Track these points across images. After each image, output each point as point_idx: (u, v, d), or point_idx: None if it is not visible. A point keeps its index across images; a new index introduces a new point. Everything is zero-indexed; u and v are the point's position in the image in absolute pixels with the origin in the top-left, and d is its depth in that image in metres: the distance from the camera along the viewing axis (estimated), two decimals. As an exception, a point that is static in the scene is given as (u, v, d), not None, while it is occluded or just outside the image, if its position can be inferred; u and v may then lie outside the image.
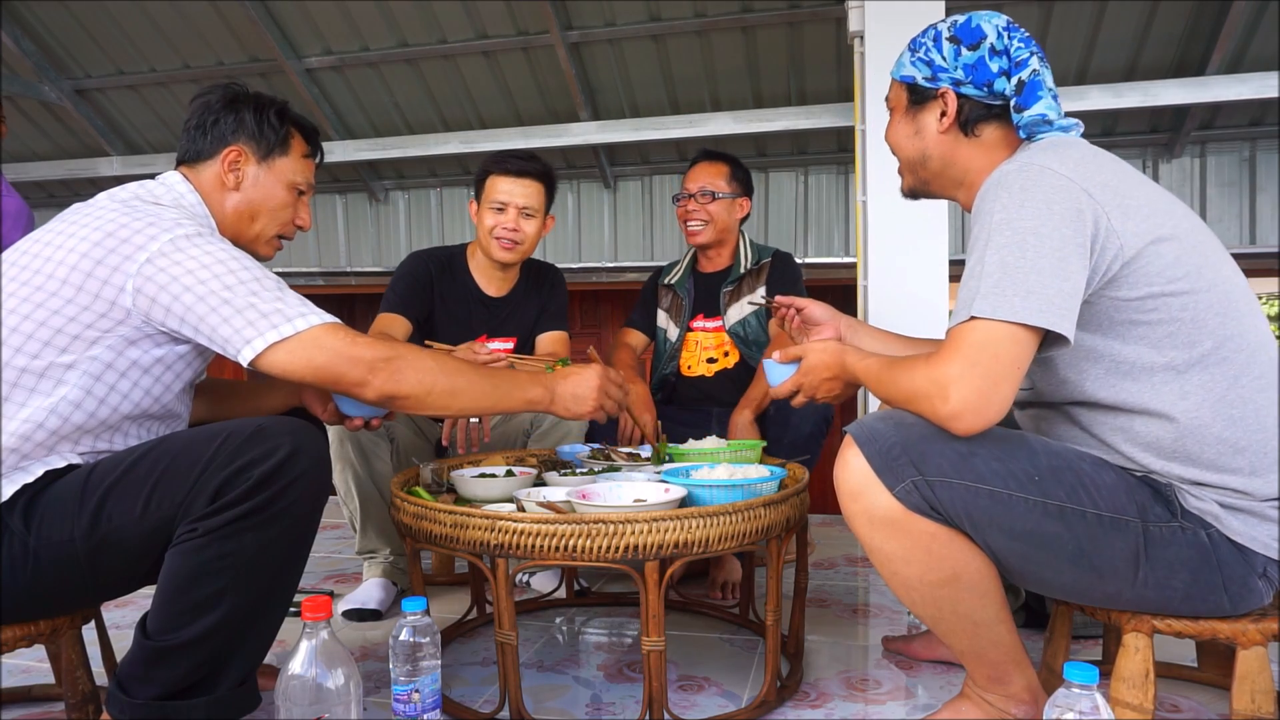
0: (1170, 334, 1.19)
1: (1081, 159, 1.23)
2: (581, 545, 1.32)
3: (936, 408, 1.18)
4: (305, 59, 4.35)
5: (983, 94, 1.34)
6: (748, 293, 2.52)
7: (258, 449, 1.18)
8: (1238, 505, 1.19)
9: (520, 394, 1.48)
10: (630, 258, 4.82)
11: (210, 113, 1.47)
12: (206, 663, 1.19)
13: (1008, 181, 1.21)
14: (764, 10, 3.79)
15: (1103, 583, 1.22)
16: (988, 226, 1.20)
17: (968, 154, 1.38)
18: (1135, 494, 1.21)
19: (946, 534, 1.23)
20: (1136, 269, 1.18)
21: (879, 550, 1.28)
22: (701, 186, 2.50)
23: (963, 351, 1.17)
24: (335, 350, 1.26)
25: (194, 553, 1.15)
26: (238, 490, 1.15)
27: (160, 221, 1.27)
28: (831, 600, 2.19)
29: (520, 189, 2.26)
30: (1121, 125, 4.11)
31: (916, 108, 1.41)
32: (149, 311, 1.24)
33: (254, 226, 1.49)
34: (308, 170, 1.55)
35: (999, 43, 1.32)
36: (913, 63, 1.40)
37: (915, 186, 1.49)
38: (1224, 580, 1.19)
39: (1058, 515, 1.19)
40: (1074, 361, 1.25)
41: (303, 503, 1.22)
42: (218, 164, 1.46)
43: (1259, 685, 1.21)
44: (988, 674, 1.33)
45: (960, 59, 1.34)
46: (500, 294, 2.40)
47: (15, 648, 1.23)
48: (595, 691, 1.64)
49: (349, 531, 2.87)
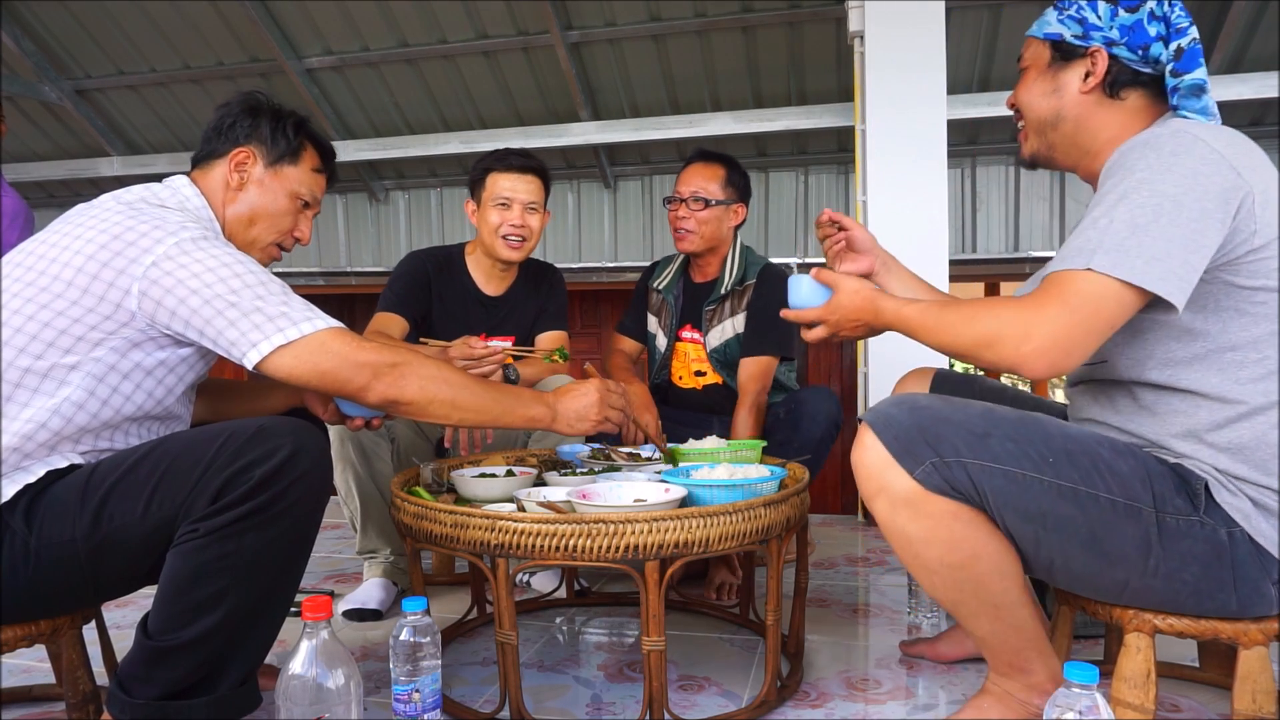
0: (1272, 331, 1.19)
1: (1235, 139, 1.21)
2: (582, 545, 1.32)
3: (1017, 347, 1.16)
4: (305, 59, 4.35)
5: (1135, 58, 1.31)
6: (730, 314, 2.40)
7: (259, 449, 1.17)
8: (1270, 506, 1.18)
9: (522, 411, 1.48)
10: (630, 258, 4.82)
11: (229, 117, 1.48)
12: (207, 663, 1.19)
13: (1158, 143, 1.19)
14: (764, 10, 3.79)
15: (1111, 569, 1.22)
16: (1125, 182, 1.18)
17: (1104, 119, 1.34)
18: (1155, 483, 1.20)
19: (967, 513, 1.23)
20: (1261, 259, 1.18)
21: (900, 533, 1.28)
22: (694, 191, 2.36)
23: (1065, 297, 1.15)
24: (340, 355, 1.26)
25: (195, 553, 1.15)
26: (239, 490, 1.15)
27: (166, 224, 1.27)
28: (831, 600, 2.19)
29: (524, 185, 2.26)
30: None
31: (1059, 65, 1.36)
32: (154, 314, 1.24)
33: (251, 230, 1.49)
34: (315, 184, 1.55)
35: (1158, 8, 1.29)
36: (1061, 20, 1.35)
37: (1039, 151, 1.42)
38: (1235, 580, 1.18)
39: (1071, 497, 1.19)
40: (1165, 337, 1.23)
41: (304, 503, 1.22)
42: (225, 164, 1.46)
43: (1260, 685, 1.21)
44: (1009, 661, 1.33)
45: (1117, 19, 1.30)
46: (498, 293, 2.40)
47: (15, 648, 1.23)
48: (595, 691, 1.64)
49: (349, 531, 2.87)
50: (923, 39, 3.00)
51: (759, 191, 4.61)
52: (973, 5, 3.66)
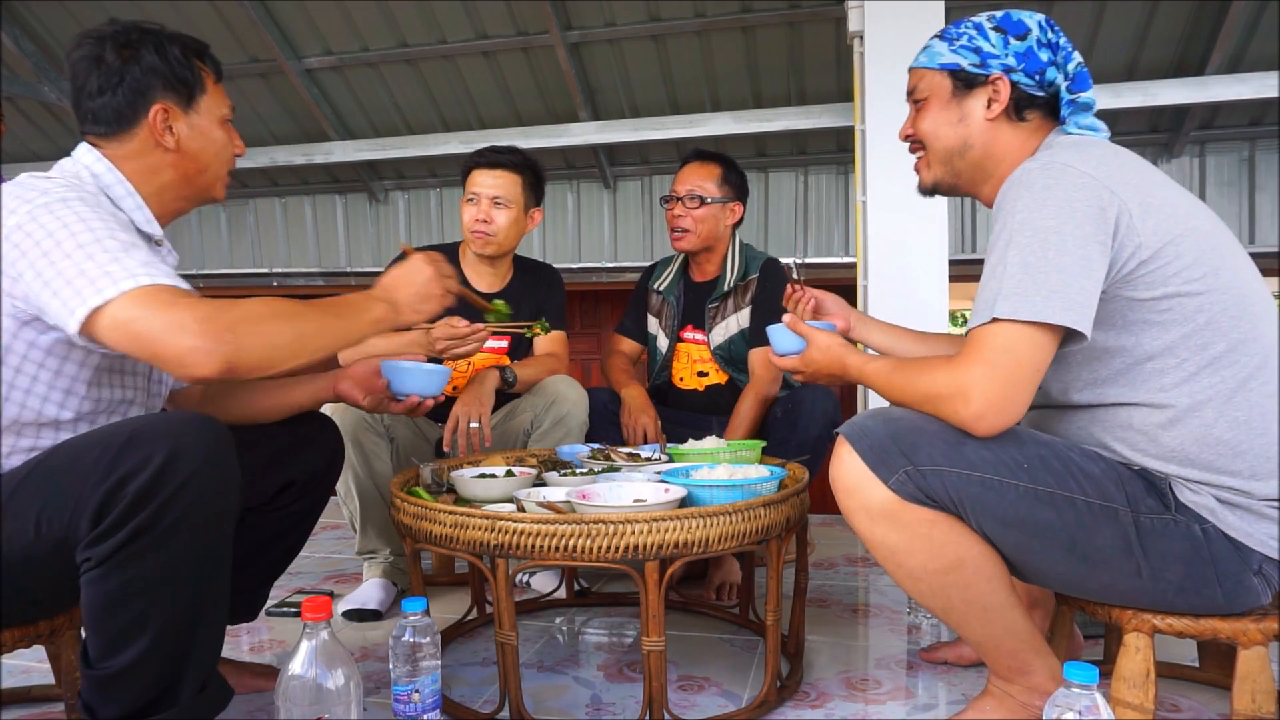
0: (1185, 335, 1.19)
1: (1104, 157, 1.23)
2: (581, 545, 1.32)
3: (958, 410, 1.20)
4: (305, 59, 4.35)
5: (1032, 83, 1.35)
6: (733, 311, 2.41)
7: (132, 460, 1.05)
8: (1234, 502, 1.19)
9: (366, 318, 1.33)
10: (630, 258, 4.83)
11: (111, 72, 1.29)
12: (157, 682, 1.12)
13: (1029, 179, 1.22)
14: (764, 10, 3.79)
15: (1096, 572, 1.23)
16: (1009, 226, 1.20)
17: (1008, 143, 1.38)
18: (1127, 485, 1.21)
19: (945, 521, 1.24)
20: (1154, 269, 1.19)
21: (881, 544, 1.29)
22: (690, 190, 2.37)
23: (984, 355, 1.18)
24: (154, 314, 1.06)
25: (99, 582, 1.07)
26: (117, 510, 1.04)
27: (26, 194, 1.16)
28: (831, 600, 2.19)
29: (491, 179, 2.26)
30: (1121, 125, 4.11)
31: (962, 95, 1.39)
32: (12, 290, 1.13)
33: (205, 176, 1.39)
34: (224, 95, 1.42)
35: (1044, 36, 1.35)
36: (954, 50, 1.39)
37: (942, 179, 1.45)
38: (1217, 575, 1.19)
39: (1047, 501, 1.20)
40: (1085, 360, 1.26)
41: (197, 510, 1.09)
42: (144, 130, 1.31)
43: (1260, 685, 1.21)
44: (1008, 664, 1.33)
45: (1010, 47, 1.35)
46: (492, 289, 2.39)
47: (15, 648, 1.23)
48: (595, 691, 1.64)
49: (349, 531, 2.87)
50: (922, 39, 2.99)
51: (759, 192, 4.62)
52: (972, 5, 3.66)
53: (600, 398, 2.34)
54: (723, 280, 2.42)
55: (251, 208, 5.31)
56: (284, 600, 2.17)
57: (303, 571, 2.54)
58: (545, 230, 4.99)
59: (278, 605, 2.14)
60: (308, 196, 5.25)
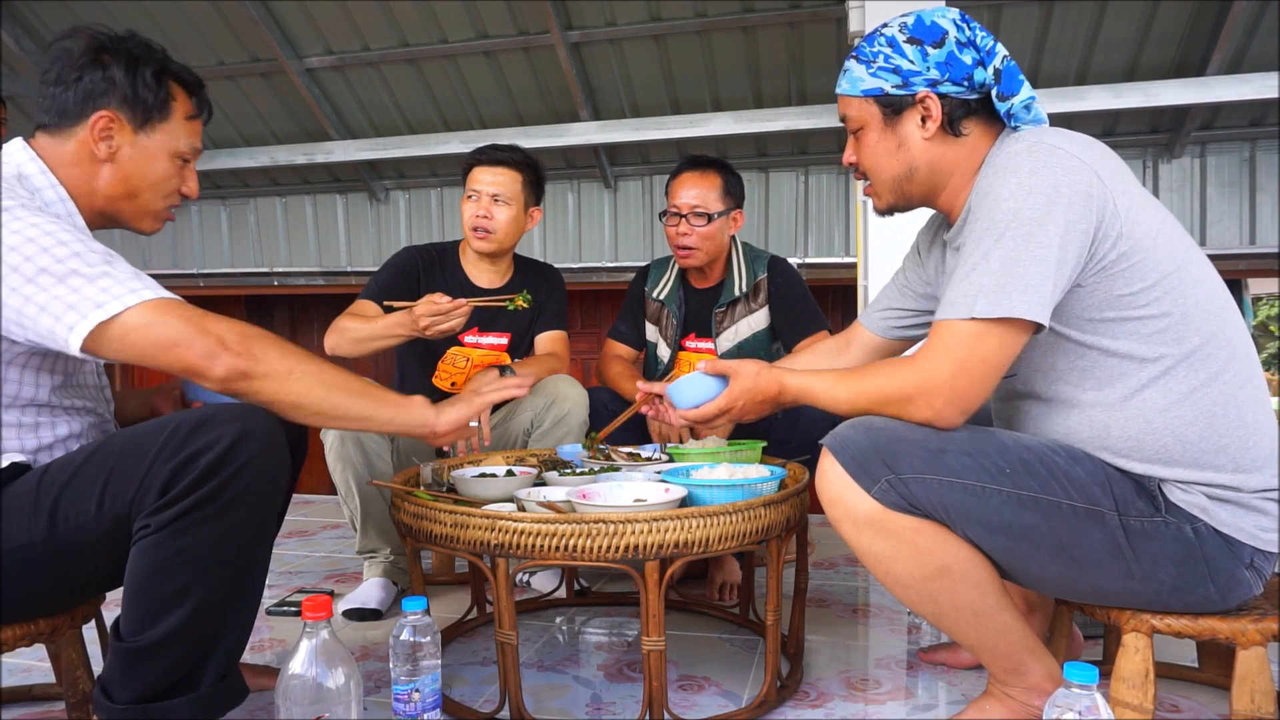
0: (1161, 330, 1.19)
1: (1091, 143, 1.22)
2: (582, 545, 1.32)
3: (921, 409, 1.21)
4: (306, 59, 4.34)
5: (962, 89, 1.30)
6: (743, 315, 2.38)
7: (204, 437, 1.13)
8: (1225, 498, 1.19)
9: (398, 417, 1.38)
10: (630, 258, 4.82)
11: (73, 67, 1.27)
12: (183, 661, 1.17)
13: (1016, 164, 1.20)
14: (764, 10, 3.79)
15: (1086, 575, 1.23)
16: (996, 219, 1.18)
17: (953, 156, 1.33)
18: (1115, 487, 1.21)
19: (930, 528, 1.24)
20: (1134, 262, 1.19)
21: (867, 552, 1.29)
22: (694, 207, 2.29)
23: (952, 354, 1.19)
24: (182, 321, 1.14)
25: (152, 550, 1.13)
26: (185, 481, 1.12)
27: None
28: (831, 600, 2.19)
29: (491, 176, 2.27)
30: (1122, 125, 4.11)
31: (893, 120, 1.34)
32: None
33: (134, 203, 1.34)
34: (194, 134, 1.37)
35: (962, 35, 1.28)
36: (874, 74, 1.32)
37: (896, 204, 1.42)
38: (1210, 573, 1.19)
39: (1033, 506, 1.20)
40: (1061, 353, 1.26)
41: (256, 489, 1.17)
42: (85, 130, 1.28)
43: (1259, 685, 1.21)
44: (1004, 666, 1.33)
45: (929, 58, 1.29)
46: (492, 286, 2.39)
47: (15, 647, 1.23)
48: (595, 691, 1.64)
49: (349, 531, 2.87)
50: (923, 39, 3.00)
51: (759, 192, 4.62)
52: (972, 5, 3.66)
53: (600, 398, 2.33)
54: (730, 286, 2.39)
55: (252, 207, 5.31)
56: (284, 599, 2.18)
57: (303, 571, 2.54)
58: (545, 230, 4.99)
59: (278, 604, 2.14)
60: (308, 196, 5.24)
